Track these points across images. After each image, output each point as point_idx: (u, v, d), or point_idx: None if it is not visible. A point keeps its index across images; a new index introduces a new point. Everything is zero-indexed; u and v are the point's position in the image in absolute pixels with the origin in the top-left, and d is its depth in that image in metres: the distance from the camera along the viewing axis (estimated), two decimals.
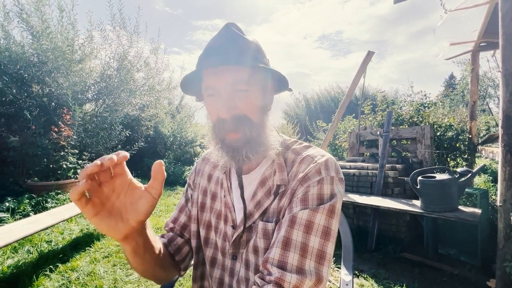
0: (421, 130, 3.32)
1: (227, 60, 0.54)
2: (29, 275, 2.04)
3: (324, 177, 0.57)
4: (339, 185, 0.58)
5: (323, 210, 0.53)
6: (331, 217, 0.54)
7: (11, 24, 4.47)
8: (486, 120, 7.14)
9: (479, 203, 2.55)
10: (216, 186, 0.71)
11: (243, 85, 0.55)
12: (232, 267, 0.64)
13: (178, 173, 6.96)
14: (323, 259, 0.51)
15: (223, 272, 0.65)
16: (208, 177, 0.74)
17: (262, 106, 0.60)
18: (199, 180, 0.75)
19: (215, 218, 0.68)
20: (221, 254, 0.66)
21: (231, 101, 0.55)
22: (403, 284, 2.03)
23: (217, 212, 0.68)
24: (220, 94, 0.56)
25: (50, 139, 4.16)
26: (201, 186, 0.74)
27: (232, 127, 0.56)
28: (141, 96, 6.45)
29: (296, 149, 0.65)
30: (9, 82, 4.39)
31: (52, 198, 3.65)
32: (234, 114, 0.56)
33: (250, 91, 0.56)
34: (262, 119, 0.60)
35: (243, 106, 0.56)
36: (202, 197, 0.73)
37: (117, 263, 2.37)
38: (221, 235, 0.66)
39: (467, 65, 4.45)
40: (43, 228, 1.98)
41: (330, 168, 0.58)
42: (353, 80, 3.66)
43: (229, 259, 0.64)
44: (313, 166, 0.58)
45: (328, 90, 15.60)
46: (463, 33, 3.58)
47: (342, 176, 0.60)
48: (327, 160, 0.59)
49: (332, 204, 0.54)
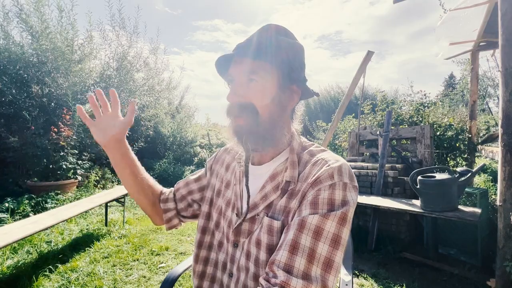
0: (421, 129, 3.32)
1: (246, 54, 0.59)
2: (28, 276, 2.04)
3: (336, 182, 0.55)
4: (352, 192, 0.56)
5: (334, 217, 0.52)
6: (342, 225, 0.52)
7: (10, 25, 4.48)
8: (486, 119, 7.15)
9: (479, 202, 2.55)
10: (231, 175, 0.74)
11: (254, 76, 0.59)
12: (233, 254, 0.66)
13: (178, 173, 6.96)
14: (330, 268, 0.50)
15: (226, 256, 0.68)
16: (226, 166, 0.77)
17: (274, 101, 0.61)
18: (217, 167, 0.80)
19: (225, 205, 0.71)
20: (226, 240, 0.69)
21: (239, 89, 0.60)
22: (403, 284, 2.03)
23: (227, 199, 0.71)
24: (234, 82, 0.62)
25: (50, 140, 4.16)
26: (219, 174, 0.78)
27: (236, 112, 0.61)
28: (140, 96, 6.45)
29: (312, 150, 0.65)
30: (9, 82, 4.39)
31: (51, 199, 3.65)
32: (240, 101, 0.60)
33: (257, 81, 0.59)
34: (271, 112, 0.61)
35: (250, 95, 0.59)
36: (219, 184, 0.76)
37: (116, 263, 2.37)
38: (227, 222, 0.68)
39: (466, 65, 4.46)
40: (43, 229, 1.97)
41: (343, 174, 0.57)
42: (353, 80, 3.66)
43: (231, 246, 0.66)
44: (325, 170, 0.57)
45: (328, 90, 15.61)
46: (463, 33, 3.57)
47: (356, 184, 0.58)
48: (341, 166, 0.58)
49: (344, 211, 0.53)
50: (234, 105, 0.61)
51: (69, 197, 3.87)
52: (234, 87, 0.61)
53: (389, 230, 2.81)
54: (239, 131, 0.61)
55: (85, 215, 3.59)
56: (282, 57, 0.60)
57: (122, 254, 2.54)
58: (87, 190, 4.45)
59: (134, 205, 4.41)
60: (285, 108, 0.63)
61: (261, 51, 0.59)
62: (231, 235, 0.66)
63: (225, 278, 0.67)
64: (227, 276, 0.67)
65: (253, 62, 0.59)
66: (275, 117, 0.61)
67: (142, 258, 2.49)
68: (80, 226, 3.17)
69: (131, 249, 2.66)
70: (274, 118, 0.61)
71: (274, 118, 0.61)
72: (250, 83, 0.60)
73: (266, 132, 0.60)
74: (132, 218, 3.68)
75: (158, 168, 6.97)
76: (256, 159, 0.69)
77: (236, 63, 0.61)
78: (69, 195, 3.96)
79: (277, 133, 0.62)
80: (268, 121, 0.60)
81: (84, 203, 2.76)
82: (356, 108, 5.12)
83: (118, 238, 2.95)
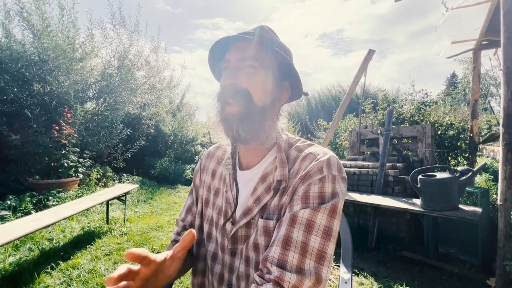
0: (422, 128, 3.31)
1: (249, 40, 0.58)
2: (30, 273, 2.05)
3: (326, 175, 0.56)
4: (341, 184, 0.57)
5: (324, 209, 0.53)
6: (332, 217, 0.53)
7: (12, 23, 4.48)
8: (487, 118, 7.11)
9: (480, 202, 2.55)
10: (220, 182, 0.71)
11: (252, 61, 0.58)
12: (231, 263, 0.64)
13: (179, 171, 6.98)
14: (323, 259, 0.51)
15: (223, 268, 0.66)
16: (212, 173, 0.75)
17: (269, 90, 0.61)
18: (204, 177, 0.77)
19: (216, 214, 0.69)
20: (220, 250, 0.66)
21: (236, 73, 0.59)
22: (403, 282, 2.03)
23: (219, 208, 0.69)
24: (231, 67, 0.60)
25: (51, 138, 4.17)
26: (206, 183, 0.75)
27: (230, 95, 0.58)
28: (142, 95, 6.45)
29: (299, 146, 0.65)
30: (10, 80, 4.40)
31: (53, 196, 3.67)
32: (236, 84, 0.58)
33: (256, 69, 0.58)
34: (265, 103, 0.60)
35: (247, 81, 0.58)
36: (206, 193, 0.74)
37: (117, 260, 2.38)
38: (221, 231, 0.66)
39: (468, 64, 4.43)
40: (45, 226, 1.98)
41: (332, 167, 0.57)
42: (354, 79, 3.65)
43: (228, 255, 0.64)
44: (315, 164, 0.57)
45: (329, 88, 15.55)
46: (465, 31, 3.56)
47: (344, 175, 0.59)
48: (329, 159, 0.58)
49: (333, 203, 0.54)
50: (229, 88, 0.58)
51: (70, 195, 3.89)
52: (231, 71, 0.59)
53: (390, 229, 2.82)
54: (229, 118, 0.59)
55: (86, 213, 3.60)
56: (281, 52, 0.60)
57: (123, 251, 2.56)
58: (89, 188, 4.47)
59: (135, 203, 4.42)
60: (275, 104, 0.64)
61: (264, 41, 0.59)
62: (228, 243, 0.64)
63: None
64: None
65: (255, 48, 0.58)
66: (267, 110, 0.61)
67: None
68: (81, 224, 3.19)
69: (132, 247, 2.68)
70: (266, 110, 0.61)
71: (266, 110, 0.61)
72: (249, 69, 0.58)
73: (258, 122, 0.59)
74: (133, 216, 3.70)
75: (159, 167, 6.98)
76: (244, 163, 0.67)
77: (236, 48, 0.60)
78: (70, 193, 3.98)
79: (268, 125, 0.61)
80: (261, 112, 0.60)
81: (85, 201, 2.78)
82: (357, 107, 5.11)
83: (119, 235, 2.97)
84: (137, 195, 4.84)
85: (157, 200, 4.76)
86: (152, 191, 5.35)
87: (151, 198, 4.88)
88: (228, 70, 0.60)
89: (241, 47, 0.59)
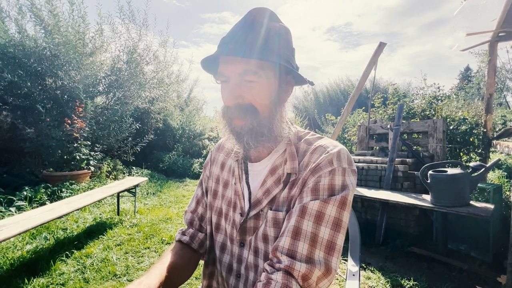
0: (433, 123, 3.24)
1: (236, 52, 0.55)
2: (46, 260, 2.14)
3: (336, 168, 0.56)
4: (351, 176, 0.57)
5: (334, 201, 0.53)
6: (342, 208, 0.54)
7: (24, 19, 4.56)
8: (502, 113, 6.87)
9: (492, 198, 2.49)
10: (229, 174, 0.72)
11: (250, 76, 0.56)
12: (240, 254, 0.65)
13: (186, 165, 7.07)
14: (333, 250, 0.51)
15: (232, 258, 0.67)
16: (221, 165, 0.76)
17: (272, 97, 0.60)
18: (213, 168, 0.77)
19: (226, 205, 0.70)
20: (229, 241, 0.68)
21: (237, 90, 0.57)
22: (411, 277, 2.02)
23: (228, 199, 0.70)
24: (230, 82, 0.58)
25: (64, 131, 4.28)
26: (215, 174, 0.76)
27: (236, 114, 0.59)
28: (150, 89, 6.51)
29: (308, 139, 0.65)
30: (24, 75, 4.51)
31: (66, 188, 3.79)
32: (239, 103, 0.58)
33: (257, 82, 0.56)
34: (271, 109, 0.60)
35: (249, 96, 0.57)
36: (215, 184, 0.75)
37: (128, 250, 2.45)
38: (230, 222, 0.67)
39: (484, 56, 4.27)
40: (59, 216, 2.06)
41: (342, 159, 0.58)
42: (364, 73, 3.58)
43: (237, 246, 0.66)
44: (325, 157, 0.58)
45: (337, 83, 15.32)
46: (481, 23, 3.42)
47: (354, 168, 0.59)
48: (339, 151, 0.58)
49: (343, 195, 0.54)
50: (232, 108, 0.58)
51: (82, 187, 4.00)
52: (230, 88, 0.57)
53: (398, 224, 2.79)
54: (239, 131, 0.59)
55: (98, 204, 3.71)
56: (277, 50, 0.57)
57: (133, 242, 2.63)
58: (100, 181, 4.58)
59: (145, 196, 4.52)
60: (282, 102, 0.63)
61: (254, 49, 0.54)
62: (237, 234, 0.65)
63: (232, 280, 0.66)
64: (234, 278, 0.66)
65: (248, 61, 0.55)
66: (274, 113, 0.61)
67: (153, 247, 2.57)
68: (93, 215, 3.29)
69: (142, 238, 2.75)
70: (273, 114, 0.61)
71: (273, 114, 0.61)
72: (249, 84, 0.56)
73: (266, 129, 0.60)
74: (143, 208, 3.79)
75: (168, 160, 7.09)
76: (254, 155, 0.68)
77: (229, 62, 0.57)
78: (82, 185, 4.09)
79: (276, 128, 0.61)
80: (268, 119, 0.60)
81: (97, 193, 2.86)
82: (366, 102, 5.02)
83: (130, 227, 3.05)
84: (147, 188, 4.94)
85: (165, 193, 4.84)
86: (160, 184, 5.45)
87: (160, 191, 4.97)
88: (228, 85, 0.58)
89: (233, 61, 0.57)
